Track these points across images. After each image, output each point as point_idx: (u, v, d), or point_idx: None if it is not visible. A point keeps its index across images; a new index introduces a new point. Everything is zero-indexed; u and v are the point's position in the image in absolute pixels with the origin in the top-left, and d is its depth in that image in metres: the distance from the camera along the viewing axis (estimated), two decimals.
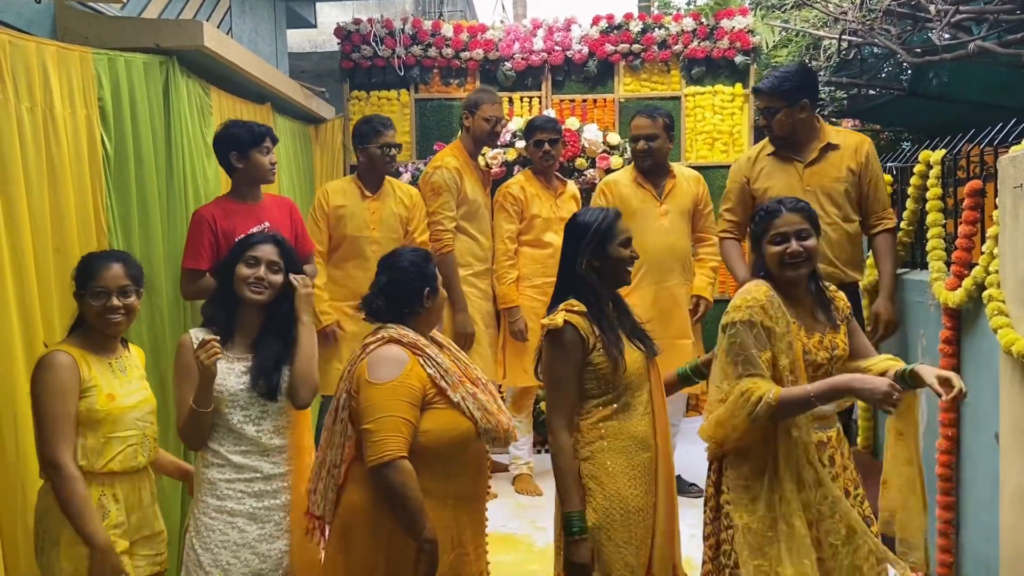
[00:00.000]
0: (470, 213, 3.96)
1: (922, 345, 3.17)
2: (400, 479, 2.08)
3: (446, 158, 3.97)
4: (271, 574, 2.32)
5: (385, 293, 2.27)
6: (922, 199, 3.27)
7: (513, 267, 4.03)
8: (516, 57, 5.22)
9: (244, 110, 3.88)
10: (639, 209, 3.77)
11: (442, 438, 2.17)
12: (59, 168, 2.58)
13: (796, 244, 2.22)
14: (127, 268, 2.24)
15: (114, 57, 2.86)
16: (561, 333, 2.17)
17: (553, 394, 2.23)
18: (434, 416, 2.17)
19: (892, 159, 3.91)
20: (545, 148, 4.00)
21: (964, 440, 2.81)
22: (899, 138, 6.33)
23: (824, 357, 2.25)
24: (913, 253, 3.46)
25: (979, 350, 2.71)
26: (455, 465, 2.20)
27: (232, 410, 2.31)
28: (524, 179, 4.12)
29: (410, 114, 5.30)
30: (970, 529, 2.77)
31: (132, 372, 2.30)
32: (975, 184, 2.86)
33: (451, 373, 2.20)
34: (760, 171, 3.41)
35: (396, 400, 2.11)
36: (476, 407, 2.19)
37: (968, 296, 2.70)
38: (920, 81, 4.76)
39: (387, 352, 2.18)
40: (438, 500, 2.18)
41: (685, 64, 5.25)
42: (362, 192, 3.82)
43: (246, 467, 2.30)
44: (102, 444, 2.17)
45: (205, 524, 2.26)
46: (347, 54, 5.28)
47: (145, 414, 2.28)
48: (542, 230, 4.03)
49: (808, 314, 2.29)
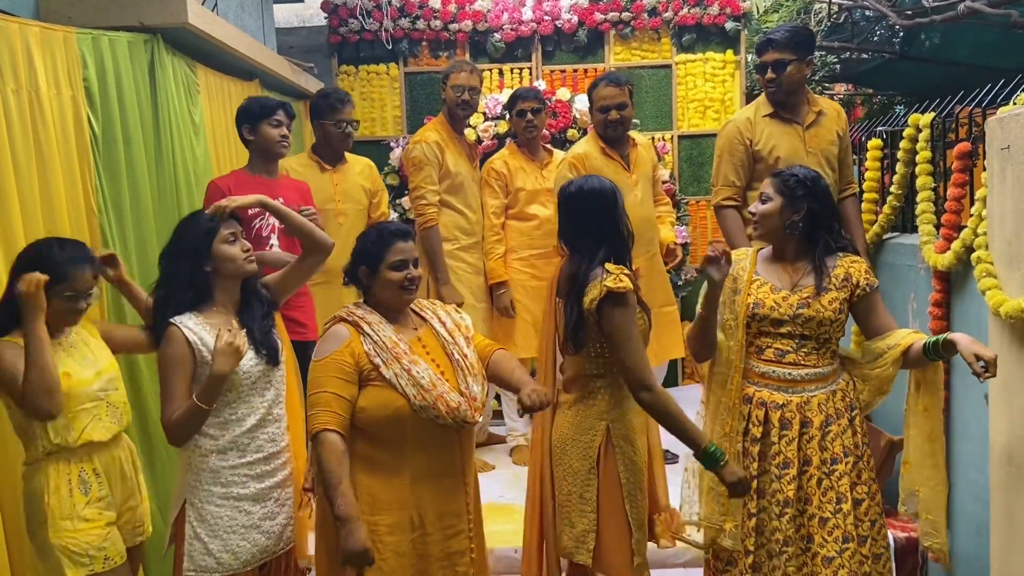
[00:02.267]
0: (454, 187, 3.93)
1: (912, 308, 3.19)
2: (319, 452, 2.11)
3: (427, 132, 3.95)
4: (275, 548, 2.37)
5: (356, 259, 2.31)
6: (912, 162, 3.27)
7: (500, 242, 4.02)
8: (505, 28, 5.18)
9: (232, 87, 3.86)
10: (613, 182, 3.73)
11: (376, 415, 2.17)
12: (47, 150, 2.57)
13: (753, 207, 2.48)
14: (93, 266, 2.24)
15: (98, 36, 2.83)
16: (626, 294, 2.24)
17: (632, 352, 2.25)
18: (370, 393, 2.18)
19: (886, 123, 3.90)
20: (528, 118, 3.96)
21: (954, 400, 2.84)
22: (892, 102, 6.31)
23: (786, 313, 2.36)
24: (903, 217, 3.47)
25: (968, 312, 2.73)
26: (405, 441, 2.20)
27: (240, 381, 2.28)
28: (508, 153, 4.09)
29: (400, 88, 5.26)
30: (960, 489, 2.81)
31: (83, 347, 2.29)
32: (964, 146, 2.86)
33: (388, 349, 2.19)
34: (762, 132, 3.34)
35: (326, 375, 2.16)
36: (410, 383, 2.16)
37: (957, 259, 2.71)
38: (911, 44, 4.74)
39: (332, 331, 2.24)
40: (393, 475, 2.19)
41: (675, 31, 5.21)
42: (320, 166, 3.77)
43: (248, 448, 2.30)
44: (70, 420, 2.19)
45: (211, 512, 2.26)
46: (334, 28, 5.23)
47: (105, 382, 2.28)
48: (527, 203, 4.01)
49: (786, 273, 2.42)
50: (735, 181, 3.39)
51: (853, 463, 2.36)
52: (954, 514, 2.85)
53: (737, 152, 3.37)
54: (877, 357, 2.37)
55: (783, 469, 2.34)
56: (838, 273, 2.40)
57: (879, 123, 3.96)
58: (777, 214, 2.41)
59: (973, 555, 2.74)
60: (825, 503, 2.33)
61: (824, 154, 3.30)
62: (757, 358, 2.40)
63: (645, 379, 2.26)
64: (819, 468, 2.34)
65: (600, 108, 3.63)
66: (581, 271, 2.31)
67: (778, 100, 3.34)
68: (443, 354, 2.29)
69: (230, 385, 2.26)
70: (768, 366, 2.39)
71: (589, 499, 2.33)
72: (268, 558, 2.36)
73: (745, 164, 3.37)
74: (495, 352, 2.43)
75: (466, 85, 3.91)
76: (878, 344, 2.38)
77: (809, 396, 2.36)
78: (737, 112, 3.61)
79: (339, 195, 3.77)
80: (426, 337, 2.31)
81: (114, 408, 2.30)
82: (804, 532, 2.35)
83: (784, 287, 2.41)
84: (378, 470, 2.19)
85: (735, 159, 3.38)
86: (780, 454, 2.36)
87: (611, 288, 2.22)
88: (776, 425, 2.36)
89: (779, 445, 2.36)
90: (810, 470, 2.35)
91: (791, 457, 2.33)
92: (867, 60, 5.35)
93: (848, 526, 2.31)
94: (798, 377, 2.37)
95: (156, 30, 3.11)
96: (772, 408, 2.37)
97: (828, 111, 3.38)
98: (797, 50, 3.23)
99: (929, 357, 2.27)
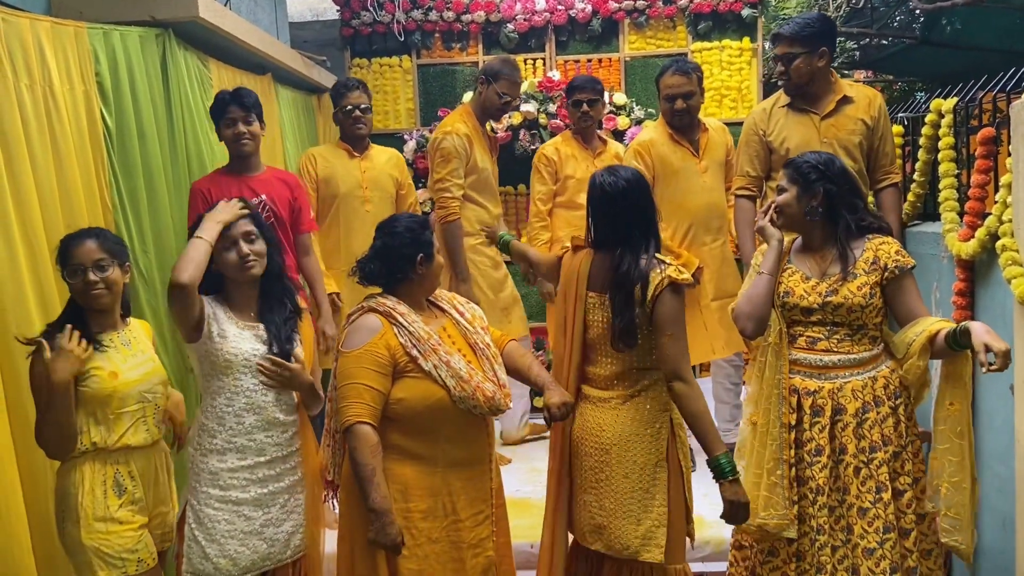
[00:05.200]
0: (480, 182, 3.84)
1: (935, 298, 3.13)
2: (353, 444, 2.11)
3: (456, 123, 3.81)
4: (280, 556, 2.33)
5: (379, 257, 2.27)
6: (934, 149, 3.20)
7: (545, 228, 3.96)
8: (518, 18, 5.14)
9: (244, 81, 3.85)
10: (681, 168, 3.64)
11: (416, 406, 2.18)
12: (63, 145, 2.58)
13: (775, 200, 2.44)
14: (101, 242, 2.23)
15: (109, 31, 2.83)
16: (682, 286, 2.27)
17: (681, 344, 2.27)
18: (408, 384, 2.19)
19: (906, 109, 3.82)
20: (584, 109, 3.87)
21: (979, 391, 2.78)
22: (912, 88, 6.21)
23: (815, 301, 2.35)
24: (925, 204, 3.40)
25: (993, 301, 2.68)
26: (435, 432, 2.22)
27: (244, 375, 2.26)
28: (561, 140, 4.02)
29: (413, 80, 5.24)
30: (985, 481, 2.76)
31: (136, 345, 2.30)
32: (988, 132, 2.80)
33: (425, 341, 2.19)
34: (776, 123, 3.33)
35: (359, 367, 2.15)
36: (449, 375, 2.18)
37: (982, 247, 2.65)
38: (933, 28, 4.66)
39: (362, 321, 2.22)
40: (427, 465, 2.21)
41: (691, 19, 5.15)
42: (349, 152, 3.78)
43: (247, 449, 2.26)
44: (112, 421, 2.19)
45: (208, 515, 2.23)
46: (347, 21, 5.21)
47: (153, 386, 2.29)
48: (576, 191, 3.88)
49: (815, 262, 2.40)
50: (750, 171, 3.41)
51: (894, 453, 2.31)
52: (979, 507, 2.79)
53: (752, 142, 3.39)
54: (907, 348, 2.32)
55: (815, 456, 2.32)
56: (867, 256, 2.36)
57: (899, 110, 3.89)
58: (795, 202, 2.41)
59: (998, 549, 2.69)
60: (864, 492, 2.29)
61: (842, 144, 3.23)
62: (791, 346, 2.39)
63: (683, 370, 2.26)
64: (856, 456, 2.31)
65: (666, 97, 3.62)
66: (631, 266, 2.26)
67: (791, 92, 3.31)
68: (466, 344, 2.31)
69: (227, 371, 2.24)
70: (800, 353, 2.38)
71: (658, 493, 2.31)
72: (271, 566, 2.32)
73: (760, 155, 3.38)
74: (508, 343, 2.46)
75: (512, 95, 3.82)
76: (903, 336, 2.34)
77: (843, 383, 2.33)
78: (761, 102, 3.57)
79: (366, 182, 3.76)
80: (450, 328, 2.34)
81: (159, 412, 2.30)
82: (844, 523, 2.32)
83: (814, 275, 2.40)
84: (411, 459, 2.20)
85: (751, 149, 3.41)
86: (812, 440, 2.34)
87: (674, 278, 2.24)
88: (808, 412, 2.34)
89: (811, 432, 2.34)
90: (846, 458, 2.32)
91: (823, 444, 2.32)
92: (887, 46, 5.27)
93: (889, 516, 2.27)
94: (829, 363, 2.34)
95: (167, 24, 3.10)
96: (804, 395, 2.35)
97: (858, 98, 3.28)
98: (805, 43, 3.19)
99: (951, 347, 2.23)
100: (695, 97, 3.61)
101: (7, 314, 2.29)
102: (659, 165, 3.64)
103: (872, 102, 3.32)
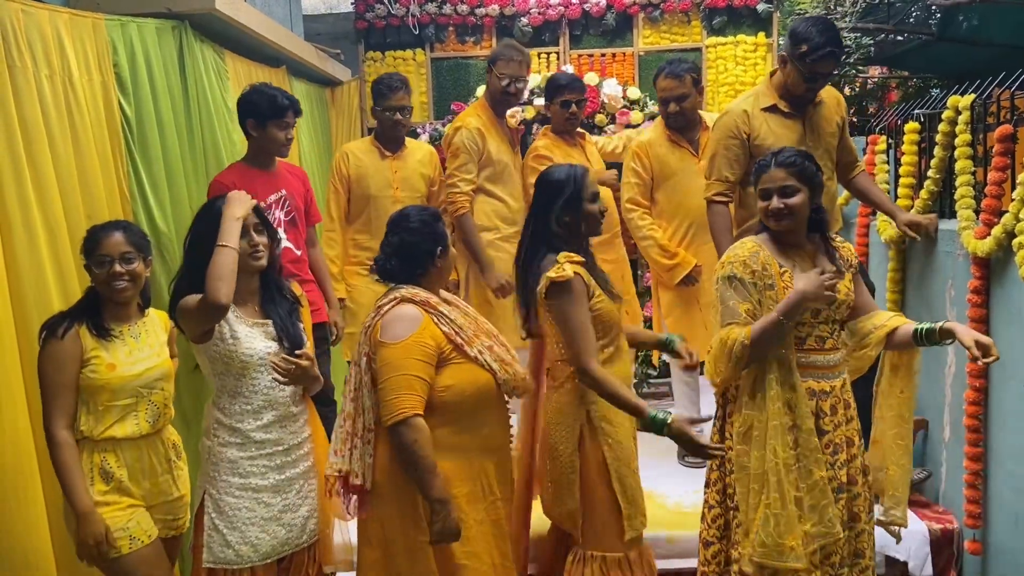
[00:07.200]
0: (496, 174, 3.78)
1: (950, 296, 3.12)
2: (412, 436, 2.10)
3: (468, 118, 3.80)
4: (297, 540, 2.36)
5: (398, 254, 2.28)
6: (950, 146, 3.18)
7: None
8: (532, 12, 5.13)
9: (259, 74, 3.87)
10: (679, 169, 3.61)
11: (465, 391, 2.22)
12: (82, 135, 2.60)
13: (777, 201, 2.29)
14: (128, 235, 2.26)
15: (126, 23, 2.85)
16: (572, 282, 2.27)
17: (578, 340, 2.28)
18: (454, 371, 2.21)
19: (922, 106, 3.80)
20: (572, 110, 3.80)
21: (993, 390, 2.78)
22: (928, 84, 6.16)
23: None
24: (941, 202, 3.39)
25: (1009, 299, 2.67)
26: (478, 418, 2.26)
27: (261, 373, 2.29)
28: (550, 141, 3.89)
29: (426, 74, 5.24)
30: (999, 480, 2.75)
31: (146, 339, 2.32)
32: (1005, 129, 2.78)
33: (465, 329, 2.25)
34: (762, 127, 3.15)
35: (409, 358, 2.14)
36: (494, 359, 2.25)
37: (998, 244, 2.64)
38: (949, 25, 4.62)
39: (401, 311, 2.21)
40: (464, 454, 2.24)
41: (706, 14, 5.13)
42: (381, 152, 3.77)
43: (267, 442, 2.29)
44: (100, 412, 2.21)
45: (229, 504, 2.25)
46: (361, 14, 5.21)
47: (153, 380, 2.29)
48: None
49: (809, 262, 2.36)
50: (728, 176, 3.17)
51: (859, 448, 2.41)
52: (992, 506, 2.79)
53: (732, 146, 3.16)
54: (863, 337, 2.38)
55: (834, 455, 2.31)
56: (843, 253, 2.42)
57: (914, 106, 3.86)
58: (807, 204, 2.33)
59: (1010, 547, 2.68)
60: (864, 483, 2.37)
61: (826, 146, 3.19)
62: (799, 348, 2.32)
63: (581, 361, 2.28)
64: (859, 448, 2.37)
65: (661, 100, 3.64)
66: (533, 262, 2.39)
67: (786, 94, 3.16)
68: (483, 331, 2.36)
69: (244, 372, 2.26)
70: (812, 355, 2.32)
71: (575, 481, 2.39)
72: (290, 551, 2.35)
73: (741, 159, 3.15)
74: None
75: (512, 75, 3.72)
76: (864, 324, 2.39)
77: (844, 379, 2.37)
78: (734, 102, 3.34)
79: (397, 182, 3.75)
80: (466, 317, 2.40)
81: (154, 407, 2.31)
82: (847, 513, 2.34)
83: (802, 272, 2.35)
84: (451, 444, 2.22)
85: (730, 153, 3.17)
86: (830, 441, 2.32)
87: (553, 277, 2.27)
88: (828, 413, 2.32)
89: (829, 431, 2.32)
90: (852, 450, 2.34)
91: (840, 442, 2.32)
92: (903, 42, 5.23)
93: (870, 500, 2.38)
94: (835, 361, 2.35)
95: (183, 16, 3.12)
96: (821, 397, 2.32)
97: (828, 100, 3.21)
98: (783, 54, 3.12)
99: (920, 343, 2.29)
100: (689, 99, 3.58)
101: (28, 302, 2.32)
102: (657, 166, 3.64)
103: (840, 102, 3.29)
